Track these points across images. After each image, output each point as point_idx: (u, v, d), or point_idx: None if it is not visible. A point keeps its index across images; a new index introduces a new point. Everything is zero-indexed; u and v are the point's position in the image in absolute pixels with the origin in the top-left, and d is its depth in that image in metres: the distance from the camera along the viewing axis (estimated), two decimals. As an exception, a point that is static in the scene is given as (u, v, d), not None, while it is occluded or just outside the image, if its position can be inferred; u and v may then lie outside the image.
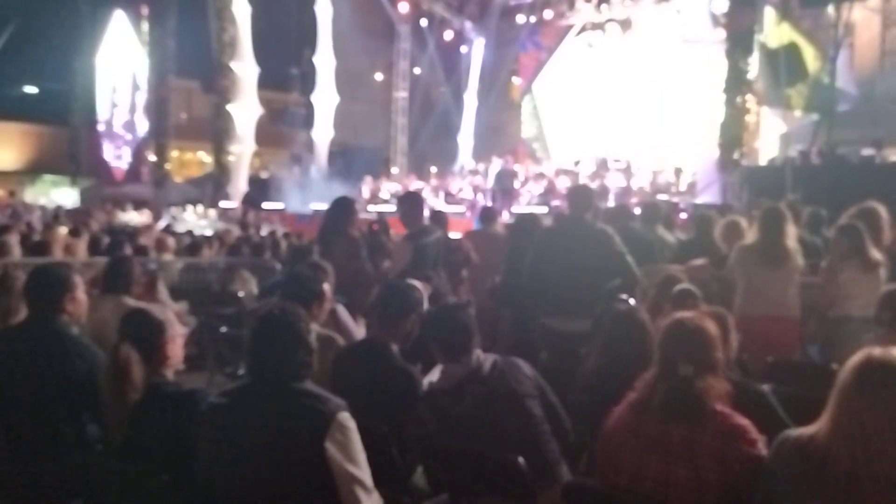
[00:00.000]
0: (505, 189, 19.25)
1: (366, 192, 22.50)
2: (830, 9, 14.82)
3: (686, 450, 2.57)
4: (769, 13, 15.03)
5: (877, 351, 2.25)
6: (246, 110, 22.60)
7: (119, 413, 3.02)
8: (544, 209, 17.08)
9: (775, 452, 2.43)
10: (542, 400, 3.35)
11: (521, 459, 2.95)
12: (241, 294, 8.23)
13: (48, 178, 28.46)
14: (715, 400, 2.63)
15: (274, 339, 2.69)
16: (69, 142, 28.04)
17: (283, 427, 2.57)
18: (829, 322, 5.46)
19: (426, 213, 7.08)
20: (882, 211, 5.89)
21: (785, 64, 13.69)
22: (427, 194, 21.41)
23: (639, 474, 2.65)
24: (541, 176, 20.47)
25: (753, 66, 15.86)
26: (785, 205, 7.21)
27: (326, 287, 4.34)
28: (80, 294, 3.76)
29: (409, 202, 6.63)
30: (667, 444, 2.60)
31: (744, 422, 2.60)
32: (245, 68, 22.42)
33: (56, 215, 17.04)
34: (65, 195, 26.19)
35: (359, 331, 4.77)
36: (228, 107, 22.53)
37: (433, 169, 24.10)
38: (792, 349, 5.15)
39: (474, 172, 22.66)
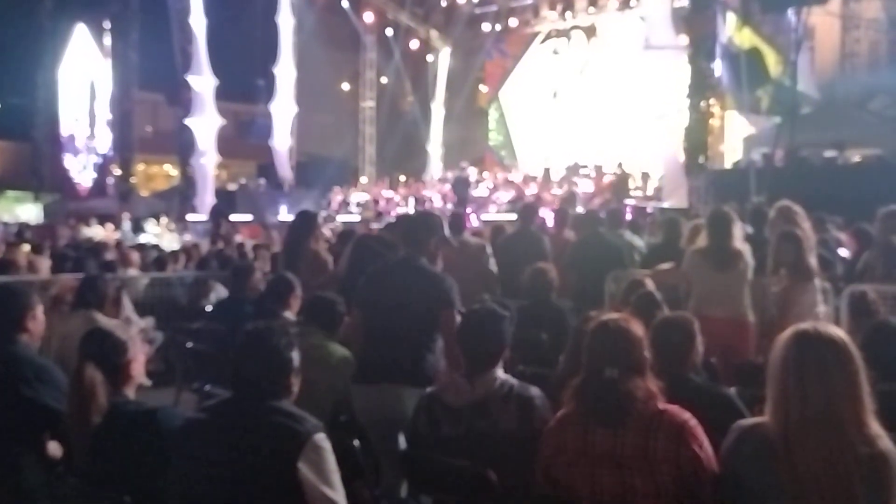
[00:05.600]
0: (461, 196, 19.19)
1: (334, 202, 22.47)
2: (790, 13, 15.02)
3: (640, 458, 2.57)
4: (731, 18, 15.20)
5: (807, 325, 2.44)
6: (205, 122, 22.43)
7: (82, 435, 2.97)
8: (513, 216, 17.10)
9: (733, 445, 2.49)
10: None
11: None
12: (208, 308, 8.14)
13: (11, 194, 28.01)
14: (646, 400, 2.64)
15: (255, 357, 2.70)
16: (32, 157, 27.62)
17: (257, 445, 2.55)
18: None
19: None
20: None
21: (747, 68, 13.85)
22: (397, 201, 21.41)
23: (594, 490, 2.64)
24: (509, 183, 20.53)
25: (717, 71, 16.03)
26: (750, 207, 7.30)
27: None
28: (40, 313, 3.71)
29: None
30: (618, 456, 2.60)
31: (687, 416, 2.63)
32: (202, 81, 22.24)
33: (20, 232, 16.78)
34: (28, 211, 25.79)
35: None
36: (187, 120, 22.35)
37: (402, 178, 24.09)
38: (746, 351, 5.17)
39: (442, 180, 22.67)
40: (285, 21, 23.71)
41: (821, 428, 2.29)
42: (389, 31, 26.33)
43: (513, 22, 25.73)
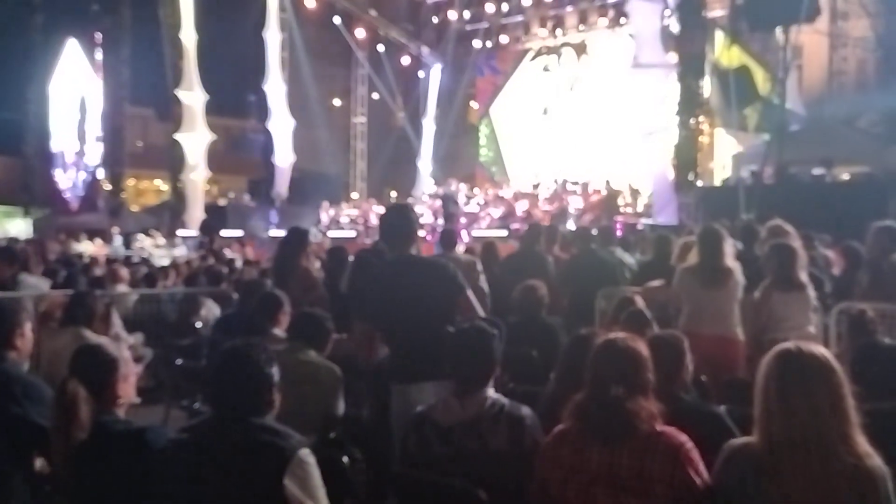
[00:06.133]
0: (448, 213, 19.12)
1: (325, 217, 22.45)
2: (779, 31, 15.14)
3: (636, 478, 2.57)
4: (719, 36, 15.32)
5: (789, 344, 2.46)
6: (195, 138, 22.40)
7: (63, 451, 2.94)
8: (503, 232, 17.18)
9: (723, 465, 2.51)
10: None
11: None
12: (198, 325, 8.11)
13: (1, 208, 27.90)
14: (648, 420, 2.63)
15: (234, 374, 2.67)
16: (22, 172, 27.54)
17: (242, 463, 2.53)
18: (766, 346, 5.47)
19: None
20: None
21: (736, 86, 13.94)
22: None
23: None
24: (499, 199, 20.57)
25: (706, 88, 16.14)
26: (740, 224, 7.31)
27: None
28: (29, 330, 3.69)
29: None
30: (614, 475, 2.60)
31: (684, 439, 2.63)
32: (192, 96, 22.23)
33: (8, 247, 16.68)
34: (18, 226, 25.67)
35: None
36: (177, 135, 22.32)
37: (393, 194, 24.10)
38: (736, 369, 5.17)
39: (433, 196, 22.70)
40: (272, 37, 23.64)
41: (807, 445, 2.30)
42: (381, 48, 26.43)
43: (503, 39, 25.92)
